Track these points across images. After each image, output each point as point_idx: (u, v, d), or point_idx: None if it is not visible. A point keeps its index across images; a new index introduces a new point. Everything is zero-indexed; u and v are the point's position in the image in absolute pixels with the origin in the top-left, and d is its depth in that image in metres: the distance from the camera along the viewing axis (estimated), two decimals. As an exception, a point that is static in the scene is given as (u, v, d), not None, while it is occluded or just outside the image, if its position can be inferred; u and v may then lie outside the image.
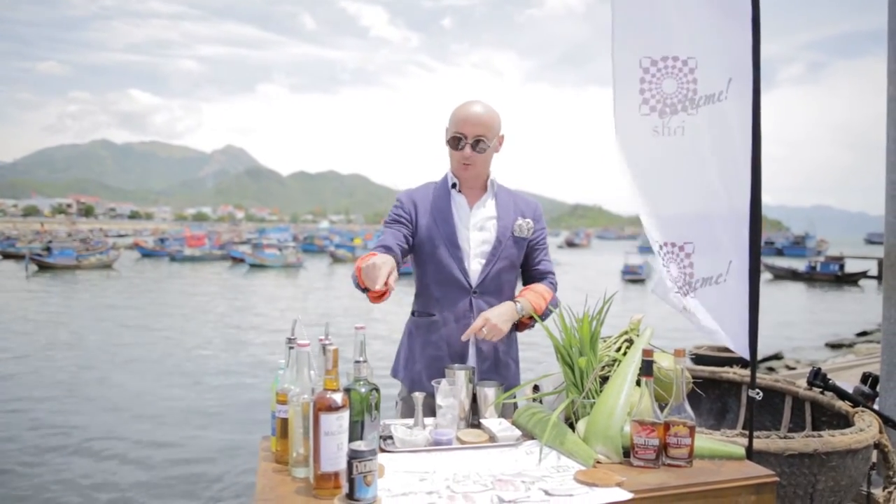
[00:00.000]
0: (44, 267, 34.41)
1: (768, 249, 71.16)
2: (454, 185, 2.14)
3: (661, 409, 1.59)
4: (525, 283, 2.27)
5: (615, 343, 1.93)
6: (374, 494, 1.30)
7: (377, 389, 1.56)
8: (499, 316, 2.00)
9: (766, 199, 1.99)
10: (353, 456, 1.28)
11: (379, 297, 1.87)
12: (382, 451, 1.60)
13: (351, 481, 1.29)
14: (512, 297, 2.18)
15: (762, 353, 12.41)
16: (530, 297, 2.13)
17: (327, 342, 1.52)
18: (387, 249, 2.00)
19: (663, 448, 1.55)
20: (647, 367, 1.57)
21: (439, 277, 2.10)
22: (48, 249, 37.00)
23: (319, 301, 23.08)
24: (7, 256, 42.68)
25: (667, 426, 1.55)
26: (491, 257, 2.12)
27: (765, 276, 37.67)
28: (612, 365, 1.82)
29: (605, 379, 1.80)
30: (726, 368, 3.20)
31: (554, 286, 2.25)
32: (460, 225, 2.11)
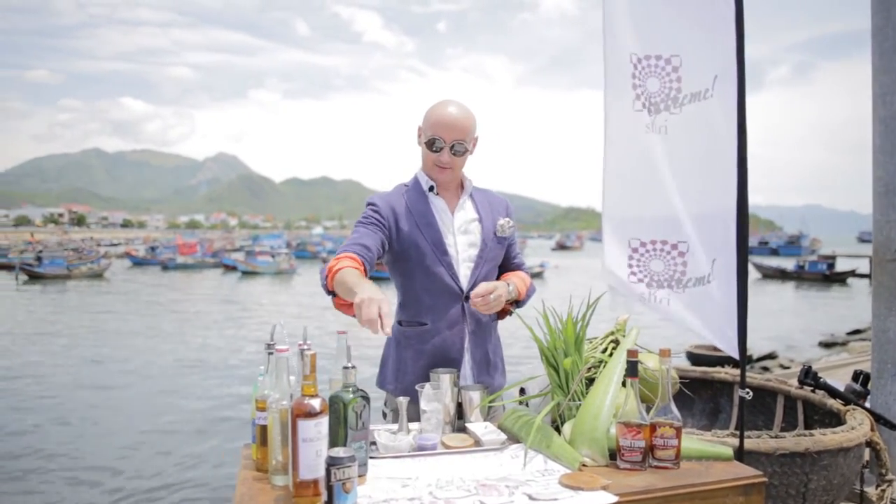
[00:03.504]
0: (34, 276, 34.14)
1: (763, 249, 71.41)
2: (431, 189, 2.07)
3: (648, 410, 1.56)
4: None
5: (601, 344, 1.90)
6: (353, 502, 1.27)
7: (366, 397, 1.49)
8: (504, 288, 1.98)
9: (758, 198, 1.98)
10: (332, 463, 1.25)
11: (347, 306, 1.73)
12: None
13: (329, 489, 1.26)
14: None
15: (756, 352, 12.38)
16: (516, 281, 2.09)
17: (305, 347, 1.49)
18: (365, 249, 1.88)
19: (650, 450, 1.53)
20: (632, 368, 1.55)
21: (430, 286, 2.01)
22: (39, 259, 36.74)
23: (310, 307, 22.94)
24: (-2, 267, 42.38)
25: (653, 427, 1.53)
26: (479, 260, 2.05)
27: (754, 275, 37.69)
28: (598, 366, 1.80)
29: (591, 381, 1.77)
30: (718, 368, 3.18)
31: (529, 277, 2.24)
32: (445, 230, 2.04)
